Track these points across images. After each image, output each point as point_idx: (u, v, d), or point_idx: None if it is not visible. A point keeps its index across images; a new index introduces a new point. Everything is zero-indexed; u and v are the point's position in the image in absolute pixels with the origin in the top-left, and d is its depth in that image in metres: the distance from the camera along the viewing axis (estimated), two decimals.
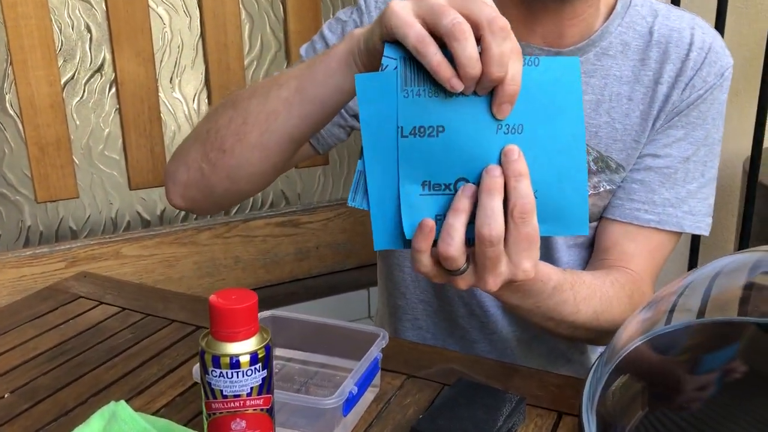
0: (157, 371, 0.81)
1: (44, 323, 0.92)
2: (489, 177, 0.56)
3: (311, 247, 2.07)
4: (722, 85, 0.87)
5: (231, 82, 1.89)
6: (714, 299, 0.60)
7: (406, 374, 0.78)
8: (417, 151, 0.56)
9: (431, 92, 0.55)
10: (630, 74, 0.86)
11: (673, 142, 0.87)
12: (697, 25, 0.87)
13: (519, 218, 0.56)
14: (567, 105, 0.57)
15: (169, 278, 1.89)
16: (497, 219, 0.56)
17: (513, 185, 0.56)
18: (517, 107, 0.56)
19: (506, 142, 0.57)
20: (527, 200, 0.56)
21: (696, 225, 0.88)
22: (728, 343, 0.55)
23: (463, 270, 0.59)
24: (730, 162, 1.85)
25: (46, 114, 1.70)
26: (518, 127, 0.57)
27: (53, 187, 1.76)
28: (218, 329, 0.52)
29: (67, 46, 1.71)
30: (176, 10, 1.81)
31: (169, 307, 0.96)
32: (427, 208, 0.58)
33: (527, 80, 0.56)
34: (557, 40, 0.85)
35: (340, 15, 0.94)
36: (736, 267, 0.62)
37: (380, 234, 0.58)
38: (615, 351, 0.58)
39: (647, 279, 0.87)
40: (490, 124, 0.56)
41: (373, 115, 0.56)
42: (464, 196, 0.57)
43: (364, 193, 0.58)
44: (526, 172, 0.56)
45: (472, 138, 0.56)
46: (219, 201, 0.82)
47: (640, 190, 0.88)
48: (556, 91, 0.57)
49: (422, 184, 0.57)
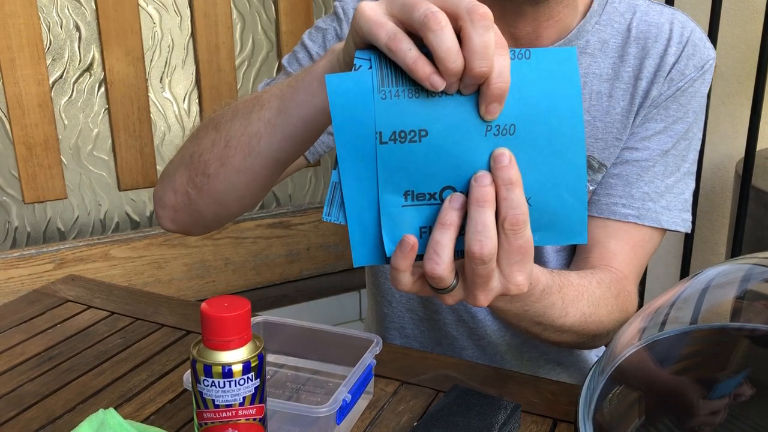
0: (147, 377, 0.79)
1: (31, 328, 0.90)
2: (478, 186, 0.51)
3: (302, 249, 2.06)
4: (703, 78, 0.86)
5: (222, 82, 1.87)
6: (706, 310, 0.60)
7: (400, 381, 0.77)
8: (398, 159, 0.51)
9: (411, 92, 0.49)
10: (609, 72, 0.86)
11: (652, 135, 0.86)
12: (676, 19, 0.87)
13: (510, 230, 0.51)
14: (564, 101, 0.51)
15: (158, 280, 1.88)
16: (489, 235, 0.51)
17: (504, 195, 0.51)
18: (507, 106, 0.50)
19: (496, 144, 0.51)
20: (519, 211, 0.51)
21: (673, 221, 0.87)
22: (723, 352, 0.55)
23: (451, 288, 0.54)
24: (723, 165, 1.85)
25: (34, 114, 1.68)
26: (510, 127, 0.51)
27: (41, 187, 1.74)
28: (210, 338, 0.51)
29: (56, 45, 1.69)
30: (166, 9, 1.79)
31: (158, 311, 0.95)
32: (410, 220, 0.52)
33: (518, 75, 0.50)
34: (534, 42, 0.85)
35: (319, 23, 0.93)
36: (728, 278, 0.62)
37: (359, 249, 0.53)
38: (611, 358, 0.57)
39: (631, 278, 0.86)
40: (479, 126, 0.51)
41: (348, 121, 0.50)
42: (452, 209, 0.51)
43: (340, 206, 0.52)
44: (518, 180, 0.51)
45: (459, 142, 0.51)
46: (210, 224, 0.81)
47: (618, 184, 0.86)
48: (551, 85, 0.51)
49: (404, 194, 0.52)
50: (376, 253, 0.53)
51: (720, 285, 0.64)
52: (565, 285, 0.71)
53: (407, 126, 0.50)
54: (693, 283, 0.65)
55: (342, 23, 0.90)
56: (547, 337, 0.76)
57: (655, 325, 0.61)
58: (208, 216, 0.79)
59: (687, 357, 0.57)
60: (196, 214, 0.79)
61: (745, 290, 0.63)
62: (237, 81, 1.90)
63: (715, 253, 1.91)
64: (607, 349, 0.64)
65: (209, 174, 0.73)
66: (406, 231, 0.52)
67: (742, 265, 0.68)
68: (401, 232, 0.52)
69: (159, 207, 0.81)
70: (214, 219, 0.80)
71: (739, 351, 0.57)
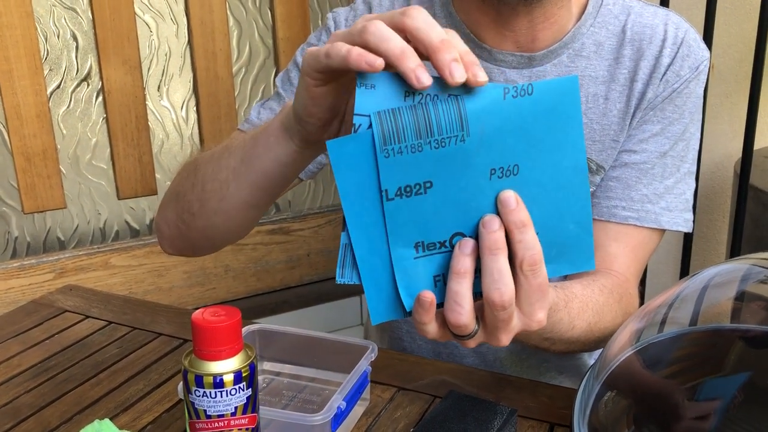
0: (144, 387, 0.79)
1: (28, 339, 0.90)
2: (487, 233, 0.51)
3: (302, 255, 2.06)
4: (698, 79, 0.86)
5: (219, 89, 1.88)
6: (703, 311, 0.60)
7: (396, 387, 0.77)
8: (405, 212, 0.51)
9: (414, 147, 0.49)
10: (605, 74, 0.86)
11: (649, 137, 0.86)
12: (670, 20, 0.87)
13: (529, 271, 0.51)
14: (566, 133, 0.51)
15: (158, 288, 1.88)
16: (506, 281, 0.51)
17: (517, 238, 0.51)
18: (510, 146, 0.50)
19: (501, 186, 0.51)
20: (535, 251, 0.51)
21: (674, 221, 0.87)
22: (717, 354, 0.55)
23: (474, 333, 0.54)
24: (722, 164, 1.85)
25: (33, 124, 1.68)
26: (513, 168, 0.51)
27: (40, 197, 1.74)
28: (201, 348, 0.51)
29: (53, 55, 1.70)
30: (163, 17, 1.79)
31: (156, 320, 0.95)
32: (424, 271, 0.52)
33: (520, 114, 0.50)
34: (530, 45, 0.85)
35: (311, 38, 0.94)
36: (724, 279, 0.61)
37: (377, 307, 0.53)
38: (605, 363, 0.57)
39: (632, 279, 0.86)
40: (483, 171, 0.51)
41: (352, 182, 0.50)
42: (463, 255, 0.51)
43: (353, 267, 0.52)
44: (528, 220, 0.51)
45: (464, 189, 0.51)
46: (207, 250, 0.87)
47: (617, 187, 0.87)
48: (553, 119, 0.51)
49: (415, 246, 0.52)
50: (394, 308, 0.53)
51: (716, 286, 0.64)
52: (570, 299, 0.72)
53: (412, 180, 0.50)
54: (689, 285, 0.65)
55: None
56: (556, 350, 0.76)
57: (650, 327, 0.60)
58: (200, 245, 0.85)
59: (681, 360, 0.57)
60: (189, 244, 0.85)
61: (742, 291, 0.63)
62: (234, 88, 1.90)
63: (716, 252, 1.90)
64: (602, 353, 0.63)
65: (193, 213, 0.78)
66: (420, 282, 0.53)
67: (739, 265, 0.67)
68: (417, 285, 0.52)
69: (158, 235, 0.87)
70: (207, 247, 0.86)
71: (733, 353, 0.57)
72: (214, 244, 0.84)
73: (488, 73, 0.85)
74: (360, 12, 0.92)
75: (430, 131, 0.49)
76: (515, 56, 0.85)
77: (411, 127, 0.49)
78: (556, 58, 0.86)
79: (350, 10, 0.93)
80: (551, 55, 0.85)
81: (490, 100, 0.49)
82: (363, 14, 0.91)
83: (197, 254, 0.89)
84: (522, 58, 0.85)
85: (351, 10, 0.93)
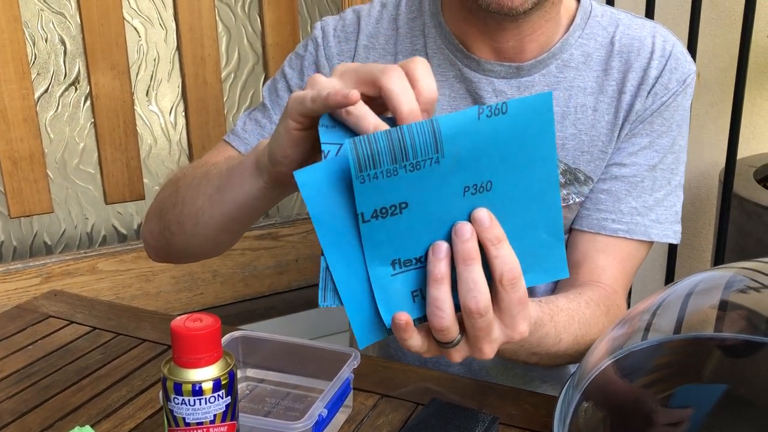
0: (127, 393, 0.79)
1: (11, 344, 0.90)
2: (460, 243, 0.51)
3: (291, 260, 2.06)
4: (685, 92, 0.87)
5: (208, 94, 1.88)
6: (686, 319, 0.60)
7: (379, 394, 0.78)
8: (381, 233, 0.51)
9: (389, 172, 0.49)
10: (594, 85, 0.87)
11: (638, 150, 0.87)
12: (658, 33, 0.88)
13: (509, 285, 0.52)
14: (539, 147, 0.51)
15: (146, 293, 1.87)
16: (481, 290, 0.52)
17: (494, 254, 0.52)
18: (483, 164, 0.51)
19: (475, 203, 0.52)
20: (513, 265, 0.52)
21: (664, 233, 0.88)
22: (695, 363, 0.55)
23: (457, 341, 0.55)
24: (707, 172, 1.86)
25: (20, 128, 1.68)
26: (486, 184, 0.52)
27: (27, 201, 1.73)
28: (180, 355, 0.51)
29: (41, 60, 1.69)
30: (152, 22, 1.79)
31: (141, 326, 0.95)
32: (402, 287, 0.53)
33: (495, 132, 0.50)
34: (518, 56, 0.85)
35: (298, 49, 0.94)
36: (705, 287, 0.62)
37: (361, 329, 0.54)
38: (585, 371, 0.57)
39: (620, 291, 0.87)
40: (457, 189, 0.51)
41: (325, 209, 0.51)
42: (438, 260, 0.52)
43: (333, 291, 0.52)
44: (503, 236, 0.52)
45: (438, 207, 0.51)
46: (188, 261, 0.90)
47: (607, 200, 0.87)
48: (527, 136, 0.51)
49: (392, 263, 0.52)
50: (377, 328, 0.54)
51: (699, 294, 0.65)
52: (555, 313, 0.72)
53: (387, 202, 0.50)
54: (671, 293, 0.66)
55: (320, 48, 0.91)
56: (544, 364, 0.77)
57: (631, 335, 0.61)
58: (183, 258, 0.88)
59: (659, 369, 0.57)
60: (174, 256, 0.88)
61: (721, 300, 0.63)
62: (223, 93, 1.90)
63: (701, 259, 1.91)
64: (582, 362, 0.64)
65: (173, 232, 0.82)
66: (399, 298, 0.53)
67: (723, 273, 0.68)
68: (395, 302, 0.53)
69: (144, 244, 0.90)
70: (191, 259, 0.89)
71: (711, 362, 0.57)
72: (194, 258, 0.88)
73: (477, 84, 0.87)
74: (348, 21, 0.92)
75: (405, 155, 0.49)
76: (503, 66, 0.86)
77: (386, 152, 0.48)
78: (545, 69, 0.86)
79: (339, 19, 0.93)
80: (539, 66, 0.86)
81: (464, 121, 0.49)
82: (351, 24, 0.92)
83: (181, 263, 0.91)
84: (510, 68, 0.86)
85: (340, 20, 0.93)
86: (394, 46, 0.90)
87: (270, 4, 1.89)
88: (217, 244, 0.82)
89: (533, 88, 0.86)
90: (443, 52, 0.88)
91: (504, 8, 0.76)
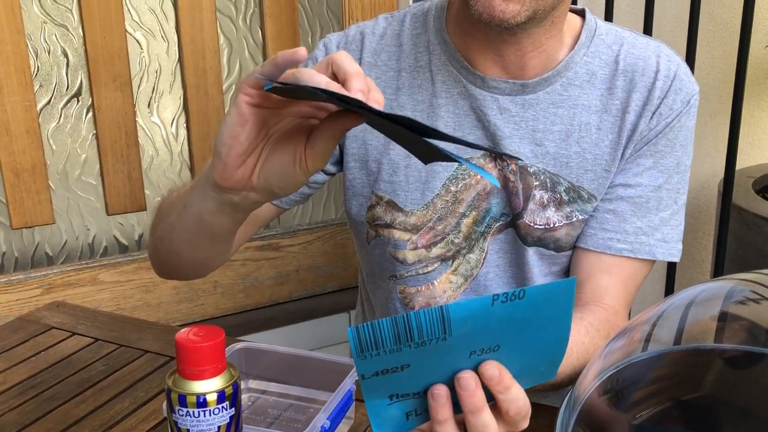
0: (129, 404, 0.80)
1: (14, 356, 0.90)
2: (467, 396, 0.52)
3: (291, 271, 2.06)
4: (689, 113, 0.88)
5: (209, 106, 1.89)
6: (686, 330, 0.61)
7: None
8: (380, 384, 0.51)
9: (393, 350, 0.49)
10: (598, 103, 0.87)
11: (643, 171, 0.88)
12: (662, 53, 0.88)
13: (516, 416, 0.54)
14: (554, 320, 0.51)
15: (147, 304, 1.87)
16: (491, 428, 0.53)
17: (502, 398, 0.53)
18: (495, 334, 0.50)
19: (480, 360, 0.52)
20: (521, 403, 0.53)
21: (669, 252, 0.89)
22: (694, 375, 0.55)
23: None
24: (706, 183, 1.87)
25: (22, 140, 1.69)
26: (494, 347, 0.51)
27: (29, 212, 1.74)
28: (185, 367, 0.52)
29: (43, 72, 1.70)
30: (154, 35, 1.80)
31: (143, 337, 0.95)
32: (398, 412, 0.54)
33: (508, 313, 0.49)
34: (520, 72, 0.86)
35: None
36: (705, 298, 0.62)
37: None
38: (584, 385, 0.58)
39: (621, 311, 0.87)
40: (463, 354, 0.51)
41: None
42: (439, 406, 0.52)
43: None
44: (511, 382, 0.53)
45: (441, 367, 0.52)
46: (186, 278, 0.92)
47: (613, 220, 0.88)
48: (543, 313, 0.50)
49: (389, 396, 0.53)
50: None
51: (698, 305, 0.65)
52: None
53: (389, 366, 0.50)
54: (671, 304, 0.66)
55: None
56: (543, 391, 0.79)
57: (627, 348, 0.61)
58: (180, 275, 0.90)
59: (657, 380, 0.57)
60: (173, 274, 0.90)
61: (721, 311, 0.64)
62: (225, 105, 1.91)
63: (701, 270, 1.92)
64: (581, 375, 0.64)
65: (157, 248, 0.84)
66: (394, 419, 0.54)
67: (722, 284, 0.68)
68: (390, 422, 0.54)
69: (150, 260, 0.91)
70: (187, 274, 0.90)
71: (711, 373, 0.57)
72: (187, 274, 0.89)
73: (481, 101, 0.87)
74: (352, 38, 0.92)
75: (410, 338, 0.48)
76: (508, 83, 0.86)
77: (390, 338, 0.48)
78: (549, 86, 0.86)
79: (343, 36, 0.93)
80: (544, 83, 0.86)
81: (477, 308, 0.48)
82: (355, 41, 0.92)
83: (185, 279, 0.93)
84: (515, 85, 0.86)
85: (343, 36, 0.93)
86: (397, 62, 0.90)
87: (271, 17, 1.90)
88: (190, 265, 0.83)
89: (538, 105, 0.87)
90: (448, 68, 0.88)
91: (495, 19, 0.76)
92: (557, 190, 0.87)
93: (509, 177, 0.87)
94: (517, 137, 0.87)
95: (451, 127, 0.88)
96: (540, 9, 0.78)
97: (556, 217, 0.88)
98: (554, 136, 0.87)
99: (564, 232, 0.89)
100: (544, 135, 0.87)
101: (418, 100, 0.88)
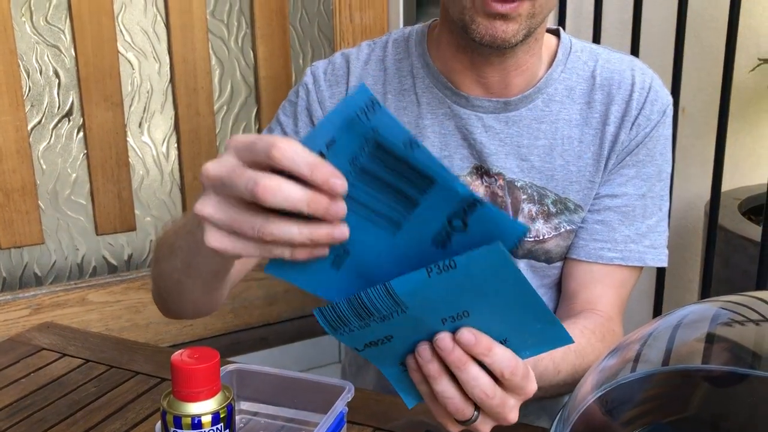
0: (120, 426, 0.79)
1: (4, 378, 0.90)
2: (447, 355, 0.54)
3: (280, 291, 2.06)
4: (665, 122, 0.91)
5: (201, 126, 1.89)
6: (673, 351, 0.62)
7: (373, 427, 0.78)
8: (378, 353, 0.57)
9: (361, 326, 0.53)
10: (578, 117, 0.90)
11: (626, 180, 0.91)
12: (636, 66, 0.92)
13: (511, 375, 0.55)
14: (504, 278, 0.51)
15: (135, 324, 1.87)
16: (483, 380, 0.55)
17: (488, 361, 0.54)
18: (452, 302, 0.52)
19: (455, 326, 0.54)
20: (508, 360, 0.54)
21: (658, 258, 0.92)
22: (680, 395, 0.56)
23: (475, 417, 0.57)
24: (693, 204, 1.89)
25: (12, 160, 1.69)
26: (463, 313, 0.53)
27: (18, 233, 1.73)
28: (180, 389, 0.52)
29: (35, 92, 1.71)
30: (145, 55, 1.81)
31: (134, 358, 0.95)
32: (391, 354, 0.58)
33: (452, 281, 0.50)
34: (504, 91, 0.89)
35: (290, 96, 0.97)
36: (691, 320, 0.64)
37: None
38: (574, 405, 0.58)
39: (615, 317, 0.90)
40: (434, 321, 0.54)
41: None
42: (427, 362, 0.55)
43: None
44: (491, 343, 0.54)
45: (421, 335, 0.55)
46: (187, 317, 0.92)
47: (602, 230, 0.91)
48: (487, 275, 0.50)
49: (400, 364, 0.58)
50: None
51: (685, 327, 0.66)
52: None
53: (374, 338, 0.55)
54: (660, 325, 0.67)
55: (311, 93, 0.94)
56: (545, 395, 0.78)
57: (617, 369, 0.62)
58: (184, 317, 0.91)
59: (646, 401, 0.58)
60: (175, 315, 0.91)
61: (708, 333, 0.65)
62: (216, 125, 1.92)
63: (688, 289, 1.94)
64: (571, 396, 0.65)
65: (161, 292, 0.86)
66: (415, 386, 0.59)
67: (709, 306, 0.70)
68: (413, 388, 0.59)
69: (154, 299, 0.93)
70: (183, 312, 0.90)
71: (697, 394, 0.58)
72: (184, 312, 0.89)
73: (466, 120, 0.89)
74: (338, 65, 0.95)
75: (369, 314, 0.52)
76: (491, 102, 0.89)
77: (351, 315, 0.53)
78: (531, 103, 0.89)
79: (328, 63, 0.96)
80: (526, 100, 0.89)
81: (416, 281, 0.50)
82: (341, 67, 0.94)
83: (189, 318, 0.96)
84: (498, 103, 0.89)
85: (329, 63, 0.96)
86: (383, 86, 0.93)
87: (263, 38, 1.92)
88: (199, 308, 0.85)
89: (521, 122, 0.89)
90: (432, 90, 0.90)
91: (497, 40, 0.78)
92: (545, 202, 0.90)
93: (497, 192, 0.90)
94: (503, 153, 0.89)
95: (437, 146, 0.90)
96: (533, 27, 0.80)
97: (545, 229, 0.90)
98: (539, 151, 0.89)
99: (554, 244, 0.91)
100: (529, 150, 0.90)
101: (405, 121, 0.90)
